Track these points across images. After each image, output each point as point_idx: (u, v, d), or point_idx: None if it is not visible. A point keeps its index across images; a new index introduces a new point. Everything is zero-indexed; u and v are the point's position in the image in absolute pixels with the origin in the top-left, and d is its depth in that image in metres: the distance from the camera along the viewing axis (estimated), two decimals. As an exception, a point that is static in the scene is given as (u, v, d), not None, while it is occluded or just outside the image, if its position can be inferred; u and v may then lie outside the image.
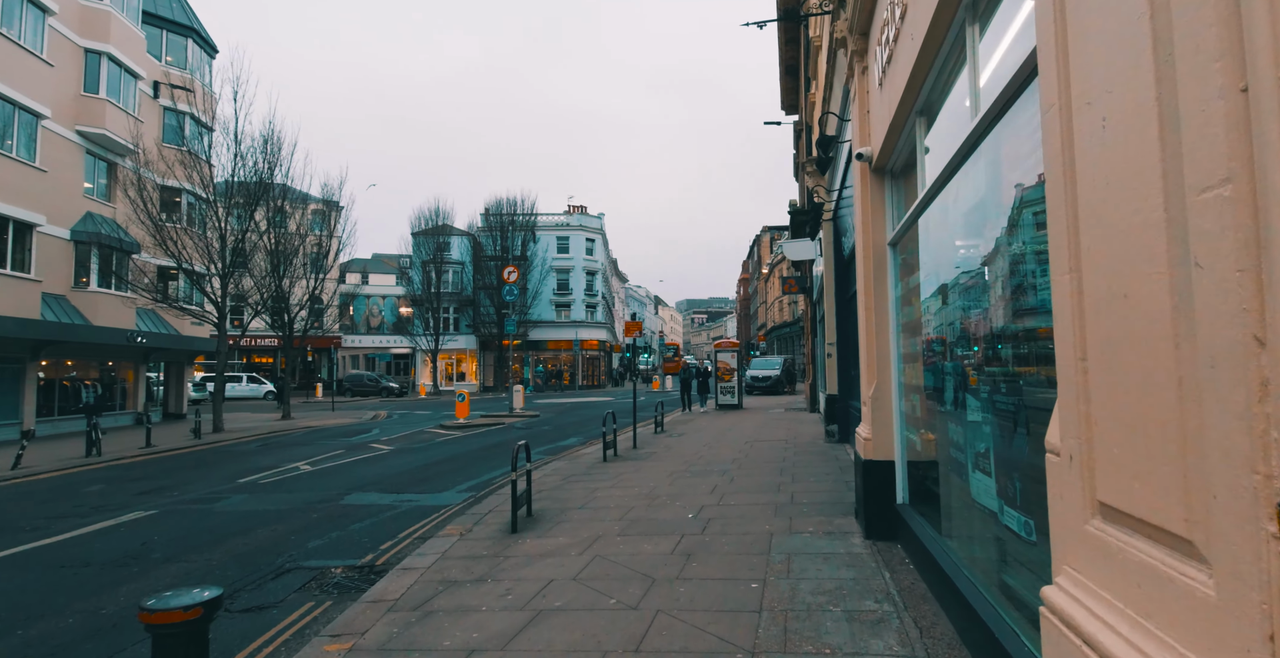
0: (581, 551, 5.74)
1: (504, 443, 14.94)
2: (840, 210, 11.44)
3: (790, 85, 28.67)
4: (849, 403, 11.82)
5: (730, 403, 23.13)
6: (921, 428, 4.76)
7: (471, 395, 44.22)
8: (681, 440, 13.68)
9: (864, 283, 5.79)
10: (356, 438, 16.85)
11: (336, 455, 13.50)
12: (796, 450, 11.35)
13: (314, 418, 24.30)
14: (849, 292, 11.60)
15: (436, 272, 48.61)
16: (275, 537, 7.09)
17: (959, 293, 3.66)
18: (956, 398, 3.56)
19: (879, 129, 5.31)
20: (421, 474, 10.91)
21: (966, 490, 3.41)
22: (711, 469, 9.76)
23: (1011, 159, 2.67)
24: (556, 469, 10.56)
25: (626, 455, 11.70)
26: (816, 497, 7.43)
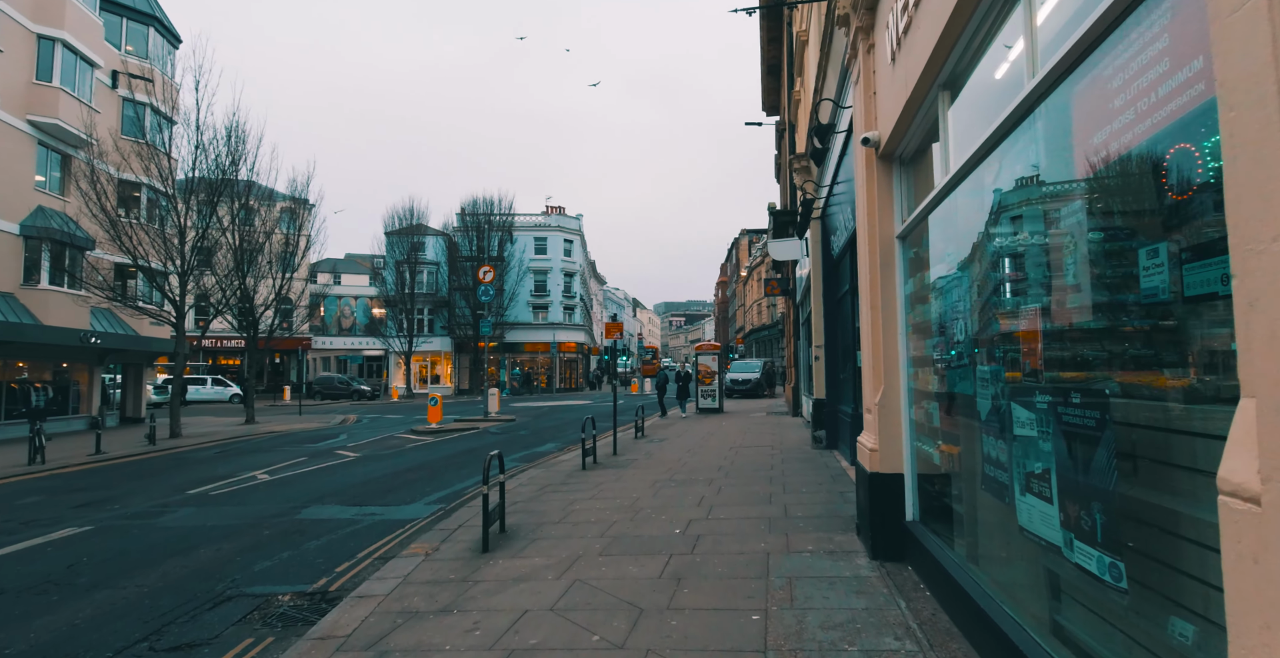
0: (559, 574, 5.18)
1: (478, 449, 14.29)
2: (830, 208, 11.02)
3: (772, 85, 28.40)
4: (838, 408, 11.40)
5: (711, 407, 22.67)
6: (939, 439, 4.29)
7: (446, 399, 43.31)
8: (663, 446, 13.16)
9: (868, 280, 5.32)
10: (322, 444, 16.06)
11: (298, 463, 12.75)
12: (784, 457, 10.89)
13: (279, 422, 23.36)
14: (839, 292, 11.19)
15: (410, 272, 47.61)
16: (219, 557, 6.42)
17: (1001, 286, 3.19)
18: (997, 408, 3.07)
19: (888, 111, 4.84)
20: (388, 484, 10.24)
21: (1011, 515, 2.92)
22: (697, 478, 9.25)
23: (1098, 118, 2.19)
24: (533, 478, 9.97)
25: (606, 463, 11.15)
26: (811, 509, 6.95)
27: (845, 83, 7.32)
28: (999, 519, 3.26)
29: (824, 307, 11.85)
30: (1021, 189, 2.83)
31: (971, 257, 3.56)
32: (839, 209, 10.10)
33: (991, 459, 3.16)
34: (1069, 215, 2.31)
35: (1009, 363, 3.01)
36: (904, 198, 5.09)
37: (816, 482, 8.51)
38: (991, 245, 3.27)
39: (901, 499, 4.99)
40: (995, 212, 3.20)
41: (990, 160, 3.20)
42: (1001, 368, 3.07)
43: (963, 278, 3.59)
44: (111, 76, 23.68)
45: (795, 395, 20.20)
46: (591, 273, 73.38)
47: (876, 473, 5.07)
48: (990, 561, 3.49)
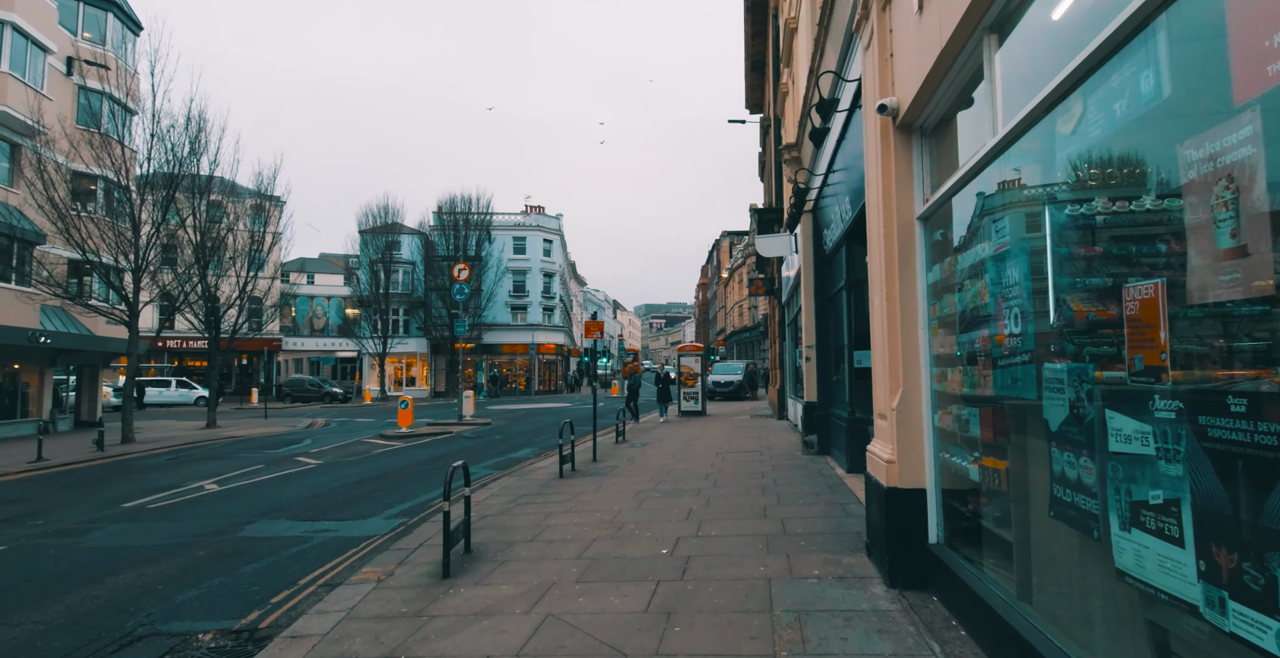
0: (529, 606, 4.46)
1: (448, 456, 13.48)
2: (823, 200, 10.42)
3: (755, 82, 27.90)
4: (830, 412, 10.80)
5: (694, 410, 22.04)
6: (976, 451, 3.65)
7: (421, 402, 42.20)
8: (646, 452, 12.47)
9: (882, 269, 4.68)
10: (283, 450, 15.13)
11: (253, 471, 11.86)
12: (775, 464, 10.25)
13: (243, 426, 22.29)
14: (832, 289, 10.59)
15: (385, 271, 46.44)
16: (139, 585, 5.60)
17: (1089, 261, 2.55)
18: (1078, 415, 2.43)
19: (910, 72, 4.21)
20: (348, 495, 9.43)
21: (1102, 554, 2.28)
22: (683, 487, 8.57)
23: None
24: (506, 488, 9.22)
25: (586, 470, 10.43)
26: (812, 525, 6.30)
27: (850, 53, 6.70)
28: (1078, 556, 2.62)
29: (815, 305, 11.25)
30: (1133, 129, 2.18)
31: (1033, 229, 2.92)
32: (833, 200, 9.50)
33: (1068, 480, 2.51)
34: (1231, 150, 1.67)
35: (1101, 359, 2.37)
36: (926, 174, 4.46)
37: (813, 492, 7.87)
38: (1066, 212, 2.62)
39: (923, 518, 4.34)
40: (1079, 166, 2.55)
41: (1068, 104, 2.56)
42: (1088, 365, 2.42)
43: (1019, 256, 2.95)
44: (66, 63, 22.48)
45: (780, 398, 19.62)
46: (571, 274, 72.56)
47: (894, 488, 4.42)
48: (1059, 604, 2.85)
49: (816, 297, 11.19)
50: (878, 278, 4.83)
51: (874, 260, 4.95)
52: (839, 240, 9.33)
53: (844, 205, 8.54)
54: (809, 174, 9.89)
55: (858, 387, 8.95)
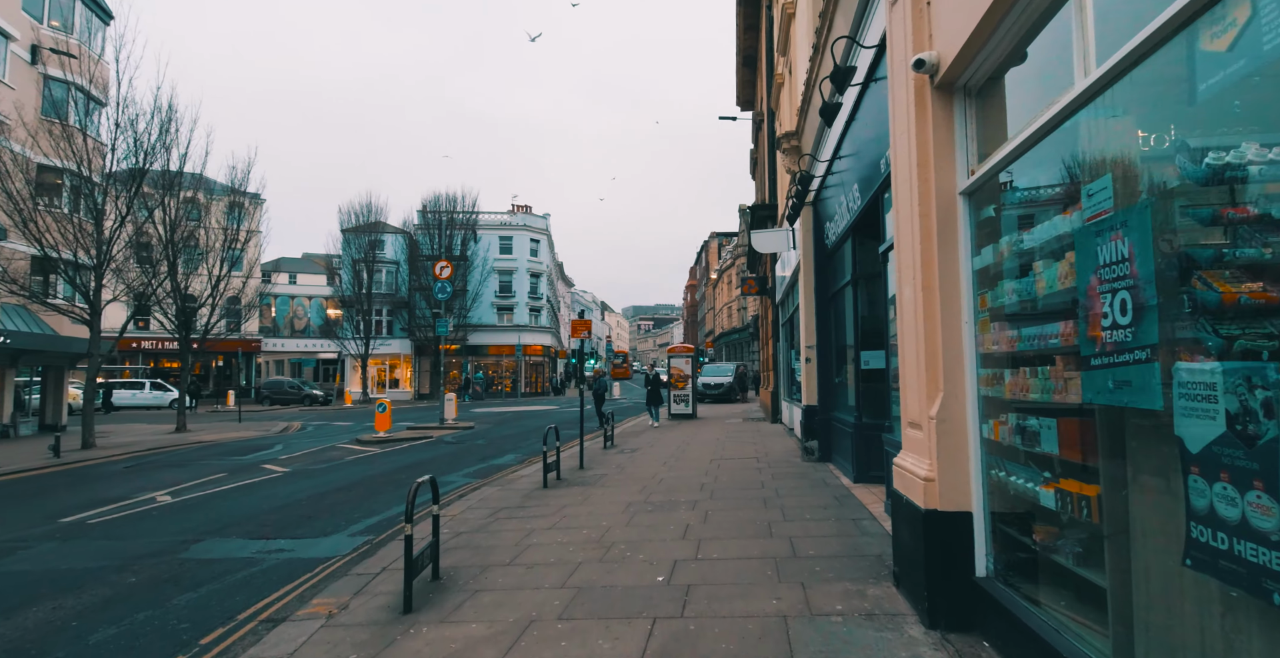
0: (503, 652, 3.76)
1: (426, 463, 12.71)
2: (825, 191, 9.79)
3: (747, 78, 27.31)
4: (832, 416, 10.16)
5: (684, 413, 21.36)
6: (1047, 470, 2.99)
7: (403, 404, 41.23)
8: (635, 458, 11.77)
9: (914, 254, 4.02)
10: (251, 456, 14.29)
11: (213, 481, 11.03)
12: (774, 472, 9.59)
13: (214, 430, 21.35)
14: (834, 286, 9.96)
15: (368, 271, 45.44)
16: (51, 622, 4.83)
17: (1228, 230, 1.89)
18: (1245, 433, 1.76)
19: (956, 19, 3.55)
20: (311, 508, 8.65)
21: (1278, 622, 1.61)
22: (677, 499, 7.88)
23: None
24: (485, 499, 8.49)
25: (572, 479, 9.71)
26: (825, 545, 5.62)
27: (866, 16, 6.05)
28: (1232, 622, 1.95)
29: (815, 303, 10.61)
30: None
31: (1152, 189, 2.26)
32: (838, 191, 8.86)
33: (1222, 521, 1.85)
34: None
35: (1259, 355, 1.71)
36: (972, 141, 3.80)
37: (820, 505, 7.20)
38: (1206, 162, 1.96)
39: (969, 547, 3.68)
40: (1224, 100, 1.89)
41: (1222, 8, 1.89)
42: (1266, 366, 1.75)
43: (1130, 225, 2.28)
44: (30, 51, 21.48)
45: (774, 401, 19.00)
46: (559, 275, 71.80)
47: (933, 511, 3.75)
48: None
49: (817, 294, 10.55)
50: (909, 266, 4.16)
51: (903, 246, 4.29)
52: (844, 233, 8.69)
53: (851, 194, 7.90)
54: (811, 160, 9.24)
55: (866, 390, 8.32)
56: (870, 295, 8.40)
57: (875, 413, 8.25)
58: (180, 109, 25.99)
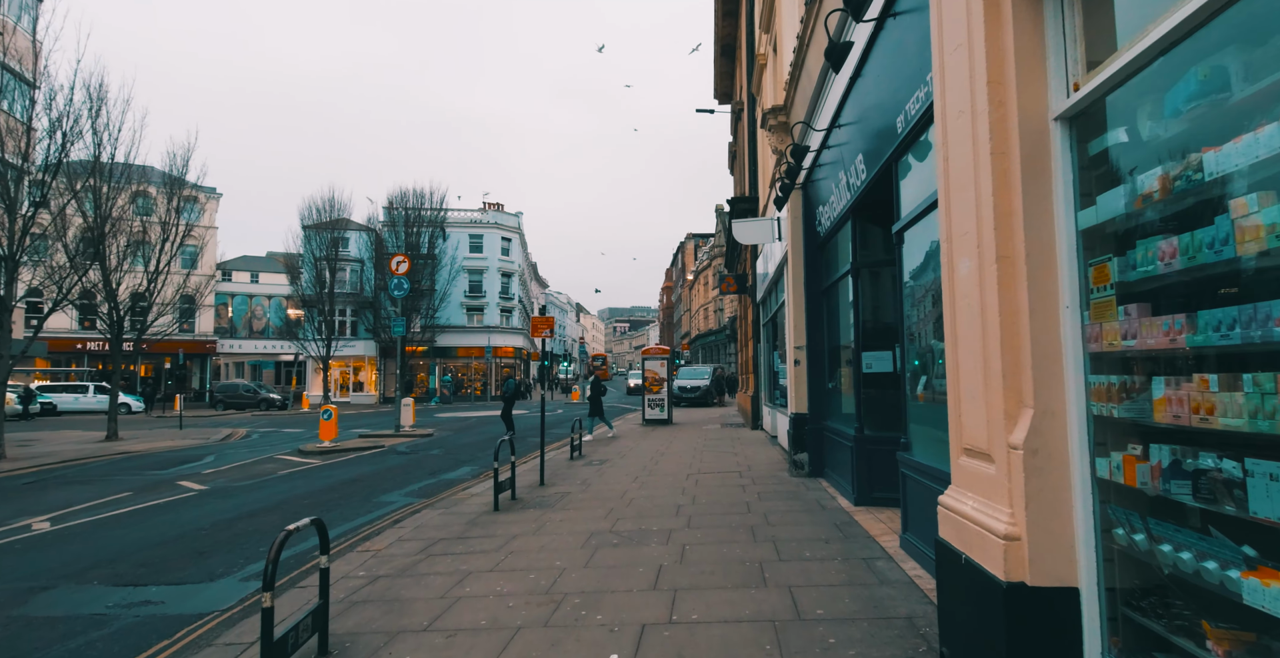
0: None
1: (368, 478, 11.30)
2: (819, 171, 8.63)
3: (725, 68, 26.24)
4: (824, 426, 9.00)
5: (659, 418, 20.13)
6: (1235, 538, 1.80)
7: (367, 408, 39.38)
8: (604, 472, 10.50)
9: (985, 210, 2.82)
10: (172, 470, 12.72)
11: (113, 502, 9.52)
12: (760, 491, 8.39)
13: (148, 439, 19.60)
14: (828, 278, 8.81)
15: (331, 269, 43.44)
16: None
17: None
18: None
19: None
20: (210, 539, 7.23)
21: None
22: (649, 527, 6.63)
23: None
24: (421, 527, 7.16)
25: (529, 499, 8.42)
26: (835, 600, 4.40)
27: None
28: None
29: (806, 299, 9.45)
30: None
31: None
32: (834, 169, 7.71)
33: None
34: None
35: None
36: (1075, 43, 2.61)
37: (819, 537, 6.00)
38: None
39: (1074, 639, 2.48)
40: None
41: None
42: None
43: None
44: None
45: (754, 406, 17.87)
46: (533, 275, 70.23)
47: (1019, 585, 2.55)
48: None
49: (807, 288, 9.39)
50: (967, 231, 2.96)
51: (957, 204, 3.09)
52: (842, 216, 7.53)
53: (854, 169, 6.73)
54: (804, 130, 8.05)
55: (869, 397, 7.16)
56: (875, 287, 7.25)
57: (880, 424, 7.09)
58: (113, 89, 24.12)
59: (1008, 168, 2.71)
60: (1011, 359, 2.68)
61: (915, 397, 5.34)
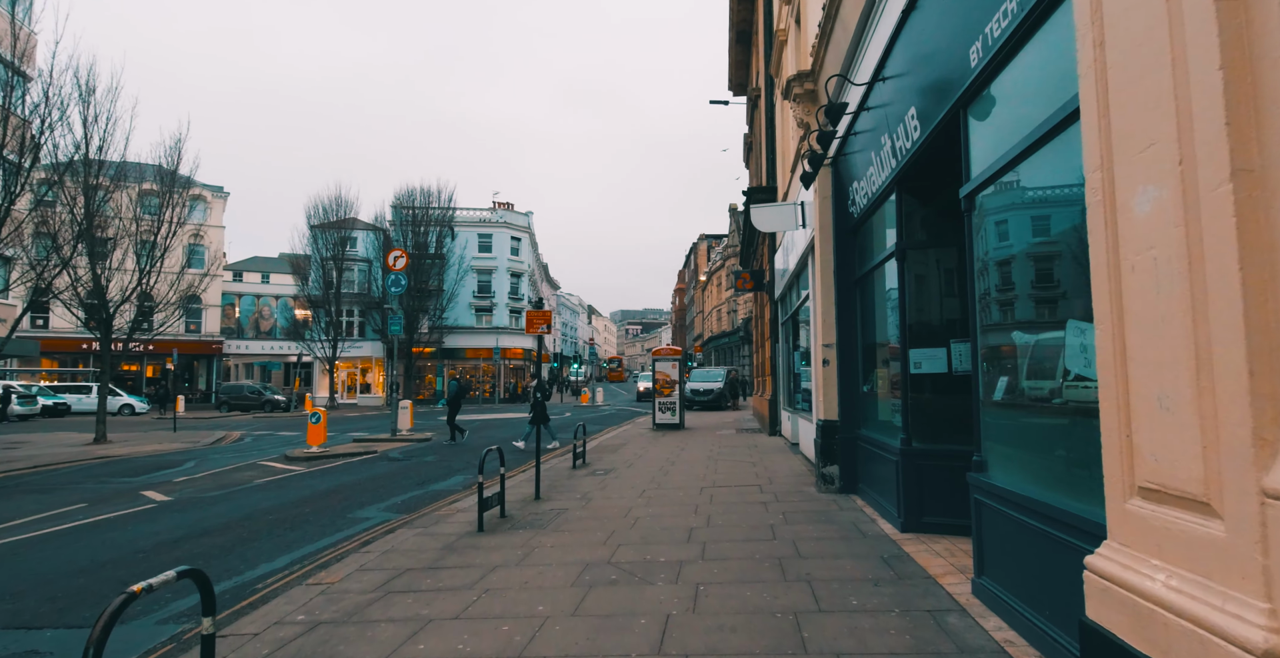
0: None
1: (350, 488, 10.29)
2: (854, 140, 7.51)
3: (740, 57, 25.12)
4: (858, 435, 7.86)
5: (670, 423, 19.02)
6: None
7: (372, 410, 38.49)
8: (607, 485, 9.41)
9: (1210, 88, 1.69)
10: (143, 478, 11.79)
11: (60, 515, 8.55)
12: (786, 510, 7.26)
13: (136, 442, 18.78)
14: (863, 267, 7.68)
15: (338, 269, 42.72)
16: None
17: None
18: None
19: None
20: (143, 566, 6.22)
21: None
22: (655, 559, 5.54)
23: None
24: (390, 552, 6.11)
25: (520, 517, 7.35)
26: (898, 673, 3.29)
27: None
28: None
29: (836, 290, 8.32)
30: None
31: None
32: (872, 138, 6.60)
33: None
34: None
35: None
36: None
37: (866, 577, 4.86)
38: None
39: None
40: None
41: None
42: None
43: None
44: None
45: (772, 410, 16.71)
46: (544, 276, 69.33)
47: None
48: None
49: (838, 278, 8.27)
50: (1155, 140, 1.85)
51: (1134, 91, 1.98)
52: (884, 190, 6.41)
53: (902, 130, 5.62)
54: (840, 85, 6.89)
55: (918, 402, 6.02)
56: (924, 274, 6.13)
57: (931, 434, 5.96)
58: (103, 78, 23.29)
59: (1246, 15, 1.60)
60: (1265, 344, 1.56)
61: (993, 403, 4.21)
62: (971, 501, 4.28)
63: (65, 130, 17.09)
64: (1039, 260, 3.98)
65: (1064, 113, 3.04)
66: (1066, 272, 3.51)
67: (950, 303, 6.15)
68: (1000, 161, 3.89)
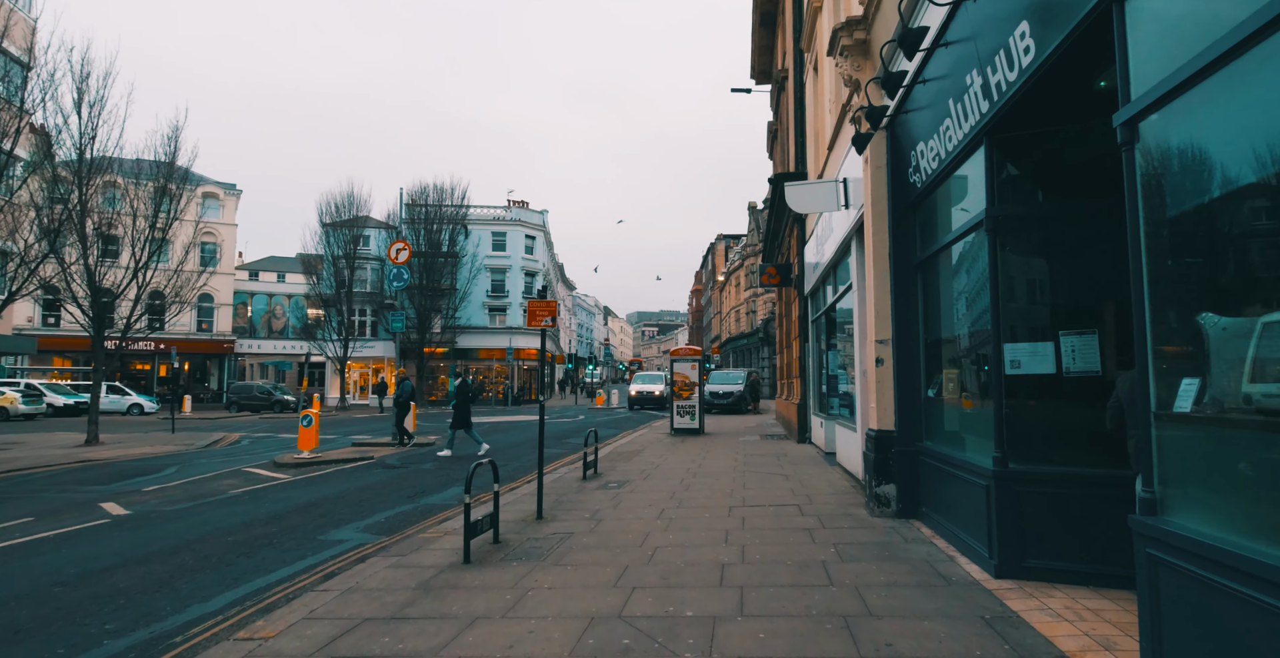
0: None
1: (333, 501, 9.15)
2: (915, 100, 6.22)
3: (765, 41, 23.80)
4: (919, 448, 6.57)
5: (689, 427, 17.73)
6: None
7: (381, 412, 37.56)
8: (621, 501, 8.19)
9: None
10: (112, 486, 10.75)
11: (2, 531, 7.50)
12: (838, 541, 5.99)
13: (127, 444, 17.87)
14: (927, 248, 6.40)
15: (350, 268, 41.88)
16: None
17: None
18: None
19: None
20: (51, 606, 5.08)
21: None
22: (679, 610, 4.30)
23: None
24: (350, 593, 4.93)
25: (515, 543, 6.15)
26: None
27: None
28: None
29: (893, 276, 7.03)
30: None
31: None
32: (949, 84, 5.33)
33: None
34: None
35: None
36: None
37: (974, 652, 3.59)
38: None
39: None
40: None
41: None
42: None
43: None
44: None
45: (800, 415, 15.39)
46: (559, 276, 68.25)
47: None
48: None
49: (894, 262, 6.98)
50: None
51: None
52: (966, 145, 5.13)
53: (1003, 58, 4.36)
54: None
55: (1015, 411, 4.73)
56: (1025, 243, 4.86)
57: (1033, 452, 4.67)
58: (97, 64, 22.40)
59: None
60: None
61: (1173, 416, 2.92)
62: (1139, 554, 3.00)
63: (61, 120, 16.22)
64: (1251, 208, 2.70)
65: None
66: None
67: (1059, 284, 4.87)
68: (1187, 70, 2.62)
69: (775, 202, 17.95)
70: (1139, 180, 3.10)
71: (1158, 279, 3.02)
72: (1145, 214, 3.07)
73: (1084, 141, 4.89)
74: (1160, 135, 3.05)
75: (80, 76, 17.29)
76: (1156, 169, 3.08)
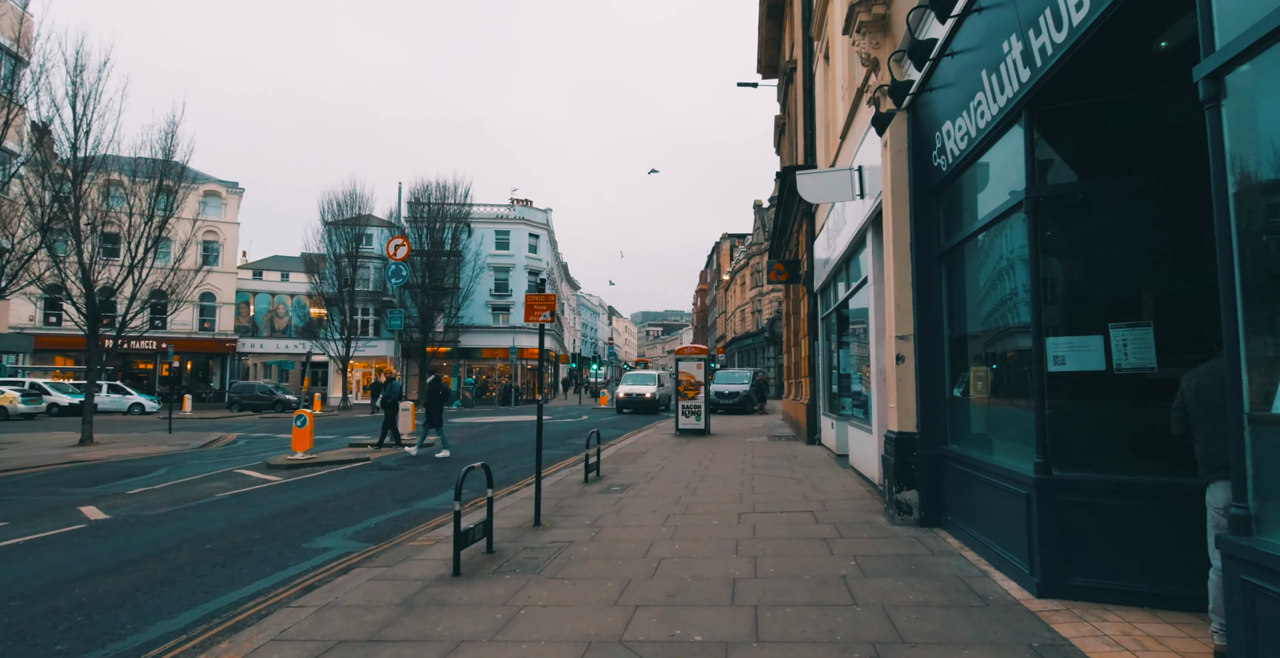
0: None
1: (321, 505, 8.73)
2: (938, 81, 5.77)
3: (772, 34, 23.33)
4: (944, 452, 6.11)
5: (695, 428, 17.28)
6: None
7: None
8: (623, 506, 7.75)
9: None
10: (97, 488, 10.36)
11: (-36, 540, 7.10)
12: (858, 553, 5.53)
13: (121, 444, 17.52)
14: (948, 238, 5.95)
15: (352, 266, 41.53)
16: None
17: None
18: None
19: None
20: (7, 620, 4.68)
21: None
22: (686, 635, 3.87)
23: None
24: (326, 610, 4.50)
25: (510, 552, 5.73)
26: None
27: None
28: None
29: (914, 267, 6.57)
30: None
31: None
32: (981, 56, 4.88)
33: None
34: None
35: None
36: None
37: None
38: None
39: None
40: None
41: None
42: None
43: None
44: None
45: (810, 415, 14.92)
46: (563, 276, 67.85)
47: None
48: None
49: (916, 252, 6.52)
50: None
51: None
52: (1000, 120, 4.68)
53: (1048, 17, 3.91)
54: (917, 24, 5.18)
55: (1060, 411, 4.28)
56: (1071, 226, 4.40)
57: (1079, 458, 4.21)
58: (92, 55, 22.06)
59: None
60: None
61: (1271, 417, 2.47)
62: (1229, 580, 2.54)
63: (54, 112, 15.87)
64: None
65: None
66: None
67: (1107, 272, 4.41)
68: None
69: (784, 196, 17.47)
70: (1227, 144, 2.65)
71: (1249, 260, 2.56)
72: (1230, 174, 2.62)
73: (1133, 113, 4.43)
74: (1251, 90, 2.60)
75: (74, 69, 16.94)
76: (1247, 131, 2.63)
